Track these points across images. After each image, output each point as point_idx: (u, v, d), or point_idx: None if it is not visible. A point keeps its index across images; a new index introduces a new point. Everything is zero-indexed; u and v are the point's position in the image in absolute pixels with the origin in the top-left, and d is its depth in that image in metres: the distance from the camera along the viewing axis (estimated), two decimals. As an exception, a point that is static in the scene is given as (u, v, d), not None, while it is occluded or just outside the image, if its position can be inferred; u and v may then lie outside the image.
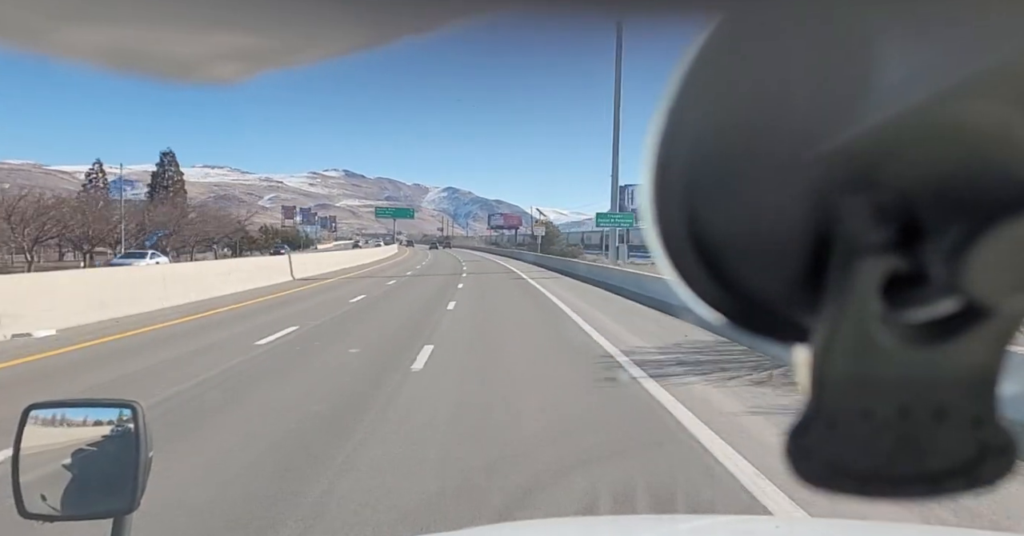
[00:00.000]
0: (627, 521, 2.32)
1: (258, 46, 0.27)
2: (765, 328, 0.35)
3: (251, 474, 4.51)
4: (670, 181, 0.31)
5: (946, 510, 3.64)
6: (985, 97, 0.27)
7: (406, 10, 0.24)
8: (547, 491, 4.10)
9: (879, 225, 0.30)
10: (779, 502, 3.89)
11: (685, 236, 0.32)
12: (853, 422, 0.31)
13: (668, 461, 4.78)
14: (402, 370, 8.08)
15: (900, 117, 0.28)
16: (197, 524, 3.74)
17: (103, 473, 1.25)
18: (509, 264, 44.75)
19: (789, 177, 0.30)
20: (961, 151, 0.28)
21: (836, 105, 0.28)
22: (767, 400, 6.42)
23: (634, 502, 4.03)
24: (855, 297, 0.30)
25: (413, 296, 20.17)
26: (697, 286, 0.34)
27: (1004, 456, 0.32)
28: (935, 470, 0.32)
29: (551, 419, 5.83)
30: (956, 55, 0.26)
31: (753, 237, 0.32)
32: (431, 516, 3.74)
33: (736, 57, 0.28)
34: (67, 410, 1.25)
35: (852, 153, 0.29)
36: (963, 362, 0.31)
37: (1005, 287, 0.28)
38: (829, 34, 0.27)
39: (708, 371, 7.89)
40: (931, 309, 0.31)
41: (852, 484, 0.32)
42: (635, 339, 10.69)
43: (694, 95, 0.29)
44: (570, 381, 7.61)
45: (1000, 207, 0.28)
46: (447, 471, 4.54)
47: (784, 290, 0.33)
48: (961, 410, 0.31)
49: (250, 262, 27.76)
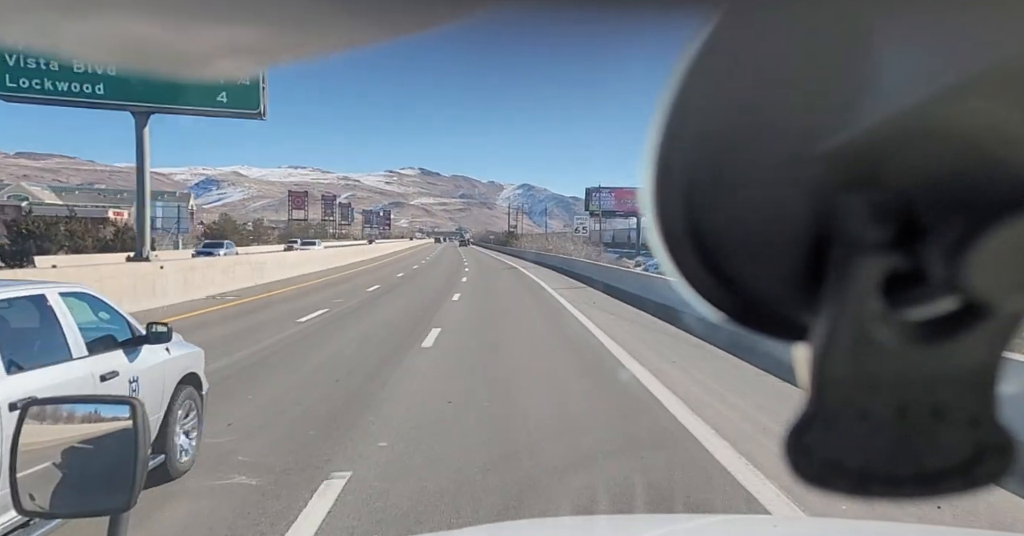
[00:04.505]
0: (627, 520, 2.37)
1: (266, 40, 0.27)
2: (765, 326, 0.34)
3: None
4: (670, 180, 0.31)
5: (945, 509, 3.63)
6: (985, 97, 0.27)
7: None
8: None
9: (878, 224, 0.30)
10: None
11: (685, 234, 0.32)
12: (852, 421, 0.31)
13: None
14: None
15: (899, 116, 0.28)
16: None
17: (101, 470, 1.25)
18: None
19: (789, 176, 0.30)
20: (960, 150, 0.28)
21: (836, 104, 0.28)
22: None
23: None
24: (854, 295, 0.30)
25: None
26: (697, 284, 0.33)
27: (1002, 456, 0.32)
28: (933, 470, 0.32)
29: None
30: (956, 55, 0.26)
31: (753, 235, 0.32)
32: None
33: (736, 56, 0.28)
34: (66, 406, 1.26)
35: (852, 152, 0.29)
36: (962, 361, 0.31)
37: (1004, 286, 0.28)
38: (829, 34, 0.27)
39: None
40: (930, 308, 0.31)
41: (850, 483, 0.32)
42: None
43: (694, 94, 0.29)
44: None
45: (999, 206, 0.28)
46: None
47: (784, 288, 0.33)
48: (959, 409, 0.31)
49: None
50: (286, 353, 9.57)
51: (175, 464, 4.35)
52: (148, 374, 4.29)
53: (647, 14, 0.26)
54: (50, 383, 3.44)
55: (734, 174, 0.31)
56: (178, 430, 4.50)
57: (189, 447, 4.61)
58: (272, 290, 20.83)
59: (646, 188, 0.32)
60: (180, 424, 4.54)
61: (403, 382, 7.60)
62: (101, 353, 3.97)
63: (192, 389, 4.78)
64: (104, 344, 4.08)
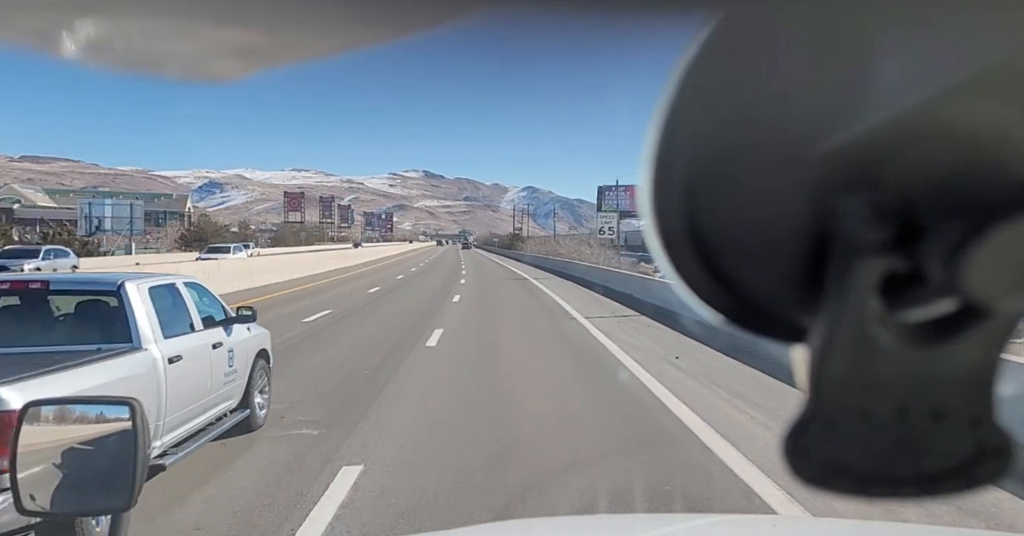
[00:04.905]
0: (626, 520, 2.37)
1: (259, 43, 0.27)
2: (764, 328, 0.34)
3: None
4: (669, 180, 0.31)
5: (945, 510, 3.61)
6: (984, 97, 0.27)
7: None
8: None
9: (878, 225, 0.30)
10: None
11: (684, 235, 0.32)
12: (851, 422, 0.31)
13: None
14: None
15: (899, 117, 0.28)
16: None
17: (101, 470, 1.25)
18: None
19: (788, 176, 0.30)
20: (960, 151, 0.28)
21: (835, 105, 0.28)
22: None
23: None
24: (854, 297, 0.30)
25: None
26: (696, 286, 0.33)
27: (1001, 456, 0.31)
28: (932, 470, 0.32)
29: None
30: (956, 55, 0.26)
31: (752, 236, 0.32)
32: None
33: (736, 56, 0.28)
34: (66, 407, 1.26)
35: (851, 153, 0.29)
36: (961, 362, 0.31)
37: (1004, 287, 0.28)
38: (829, 34, 0.27)
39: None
40: (929, 309, 0.30)
41: (850, 484, 0.32)
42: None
43: (694, 94, 0.29)
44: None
45: (999, 207, 0.27)
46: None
47: (783, 289, 0.33)
48: (959, 410, 0.31)
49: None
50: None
51: (256, 418, 5.68)
52: (239, 346, 5.55)
53: (648, 15, 0.26)
54: (185, 347, 4.62)
55: (733, 174, 0.31)
56: (256, 392, 5.76)
57: (264, 404, 5.97)
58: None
59: (644, 188, 0.32)
60: (257, 388, 5.82)
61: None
62: (210, 328, 5.17)
63: (264, 361, 6.08)
64: (209, 321, 5.24)
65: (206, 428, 4.90)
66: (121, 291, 4.37)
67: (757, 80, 0.28)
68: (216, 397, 5.05)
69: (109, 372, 3.79)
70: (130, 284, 4.47)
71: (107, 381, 3.66)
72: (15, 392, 3.02)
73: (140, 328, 4.28)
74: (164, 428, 4.22)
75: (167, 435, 4.30)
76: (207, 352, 4.96)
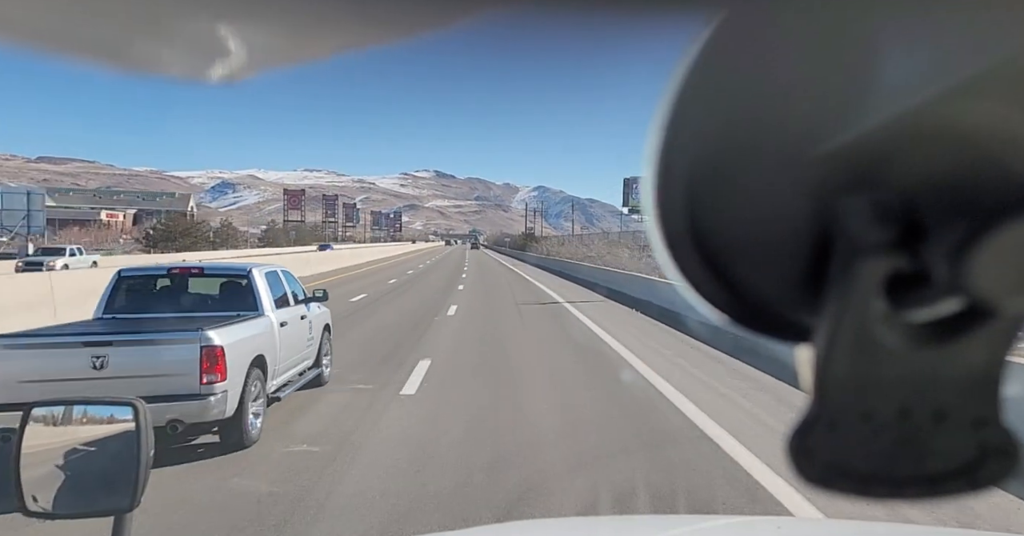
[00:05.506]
0: (631, 522, 2.37)
1: (269, 42, 0.27)
2: (767, 328, 0.34)
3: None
4: (672, 180, 0.31)
5: (947, 511, 3.58)
6: (985, 97, 0.27)
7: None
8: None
9: (881, 225, 0.29)
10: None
11: (687, 235, 0.32)
12: (854, 423, 0.31)
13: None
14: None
15: (901, 117, 0.27)
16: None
17: (104, 471, 1.25)
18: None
19: (791, 177, 0.30)
20: (962, 151, 0.28)
21: (837, 105, 0.28)
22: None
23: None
24: (857, 297, 0.30)
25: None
26: (700, 286, 0.33)
27: (1005, 458, 0.31)
28: (935, 471, 0.32)
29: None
30: (956, 55, 0.26)
31: (754, 236, 0.32)
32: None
33: (738, 57, 0.28)
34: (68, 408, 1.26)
35: (853, 153, 0.29)
36: (965, 362, 0.31)
37: (1007, 287, 0.28)
38: (830, 34, 0.26)
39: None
40: (933, 309, 0.30)
41: (853, 485, 0.32)
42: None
43: (696, 94, 0.29)
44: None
45: (1002, 207, 0.27)
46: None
47: (786, 290, 0.32)
48: (961, 411, 0.31)
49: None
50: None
51: (324, 376, 7.58)
52: (315, 320, 7.42)
53: (652, 15, 0.26)
54: (287, 316, 6.48)
55: (735, 174, 0.30)
56: (324, 357, 7.64)
57: (329, 365, 7.89)
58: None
59: (648, 188, 0.32)
60: (325, 354, 7.71)
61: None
62: (298, 304, 7.00)
63: (327, 333, 7.91)
64: (296, 298, 7.04)
65: (294, 379, 6.63)
66: (250, 275, 6.31)
67: (759, 80, 0.28)
68: (302, 355, 6.90)
69: (253, 328, 5.63)
70: (255, 270, 6.43)
71: (255, 333, 5.59)
72: (216, 334, 4.94)
73: (263, 301, 6.19)
74: (278, 372, 6.06)
75: (279, 377, 6.14)
76: (298, 321, 6.85)
